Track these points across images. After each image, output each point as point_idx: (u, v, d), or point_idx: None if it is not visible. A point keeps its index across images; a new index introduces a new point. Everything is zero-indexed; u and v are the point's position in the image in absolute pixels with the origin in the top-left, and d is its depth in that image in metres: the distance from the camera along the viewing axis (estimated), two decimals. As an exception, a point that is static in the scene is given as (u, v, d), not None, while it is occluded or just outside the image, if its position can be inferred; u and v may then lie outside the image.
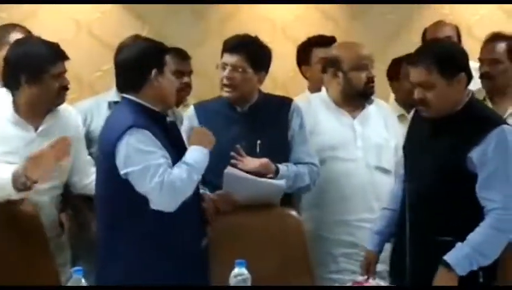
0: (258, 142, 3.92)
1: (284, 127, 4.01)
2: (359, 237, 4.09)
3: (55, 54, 3.79)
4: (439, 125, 3.46)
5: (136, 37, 4.33)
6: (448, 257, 3.32)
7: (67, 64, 3.87)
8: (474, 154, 3.34)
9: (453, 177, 3.40)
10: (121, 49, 4.21)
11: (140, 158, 3.39)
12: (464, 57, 3.52)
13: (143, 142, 3.41)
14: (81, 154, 3.96)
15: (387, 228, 3.71)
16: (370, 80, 4.24)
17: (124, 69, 3.58)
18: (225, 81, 3.94)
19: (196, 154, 3.52)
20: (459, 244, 3.33)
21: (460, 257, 3.31)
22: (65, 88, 3.83)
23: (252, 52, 3.92)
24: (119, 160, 3.41)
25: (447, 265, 3.31)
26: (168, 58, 3.59)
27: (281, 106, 4.06)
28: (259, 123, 3.95)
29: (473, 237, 3.33)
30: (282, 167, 3.90)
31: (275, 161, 3.89)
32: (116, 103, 4.18)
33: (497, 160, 3.34)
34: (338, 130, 4.24)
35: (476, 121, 3.42)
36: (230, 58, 3.93)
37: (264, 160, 3.86)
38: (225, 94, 3.97)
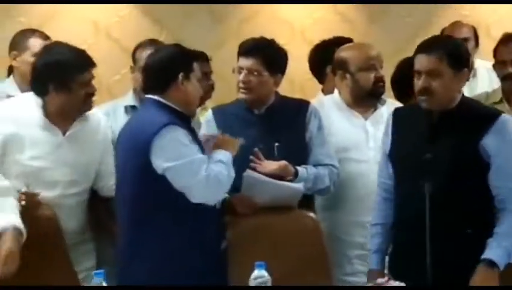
0: (276, 144, 3.92)
1: (301, 129, 4.01)
2: (371, 238, 4.07)
3: (83, 62, 3.77)
4: (439, 122, 3.50)
5: (153, 41, 4.36)
6: (490, 255, 3.36)
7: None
8: (487, 141, 3.41)
9: (469, 170, 3.44)
10: (136, 50, 4.25)
11: (182, 153, 3.46)
12: (468, 55, 3.65)
13: (181, 138, 3.48)
14: (108, 158, 3.92)
15: (384, 244, 3.69)
16: (379, 80, 4.23)
17: (152, 70, 3.63)
18: (241, 85, 3.96)
19: (225, 155, 3.59)
20: (491, 241, 3.37)
21: (501, 252, 3.36)
22: (91, 95, 3.80)
23: (267, 55, 3.93)
24: (156, 155, 3.46)
25: (490, 263, 3.35)
26: (195, 65, 3.65)
27: (299, 109, 4.06)
28: (276, 125, 3.96)
29: (502, 229, 3.39)
30: (301, 170, 3.91)
31: (292, 163, 3.89)
32: (132, 107, 4.20)
33: (507, 149, 3.43)
34: (350, 131, 4.24)
35: (477, 114, 3.52)
36: (245, 62, 3.94)
37: (283, 162, 3.87)
38: (241, 95, 3.98)
